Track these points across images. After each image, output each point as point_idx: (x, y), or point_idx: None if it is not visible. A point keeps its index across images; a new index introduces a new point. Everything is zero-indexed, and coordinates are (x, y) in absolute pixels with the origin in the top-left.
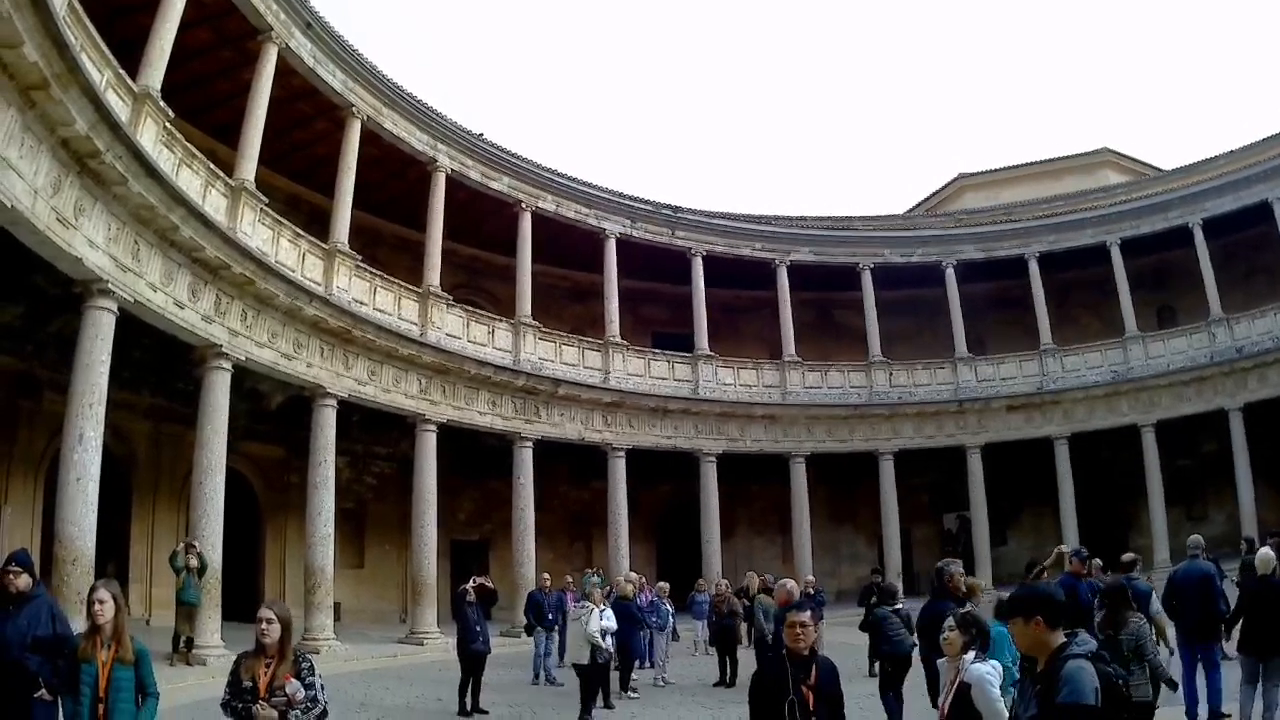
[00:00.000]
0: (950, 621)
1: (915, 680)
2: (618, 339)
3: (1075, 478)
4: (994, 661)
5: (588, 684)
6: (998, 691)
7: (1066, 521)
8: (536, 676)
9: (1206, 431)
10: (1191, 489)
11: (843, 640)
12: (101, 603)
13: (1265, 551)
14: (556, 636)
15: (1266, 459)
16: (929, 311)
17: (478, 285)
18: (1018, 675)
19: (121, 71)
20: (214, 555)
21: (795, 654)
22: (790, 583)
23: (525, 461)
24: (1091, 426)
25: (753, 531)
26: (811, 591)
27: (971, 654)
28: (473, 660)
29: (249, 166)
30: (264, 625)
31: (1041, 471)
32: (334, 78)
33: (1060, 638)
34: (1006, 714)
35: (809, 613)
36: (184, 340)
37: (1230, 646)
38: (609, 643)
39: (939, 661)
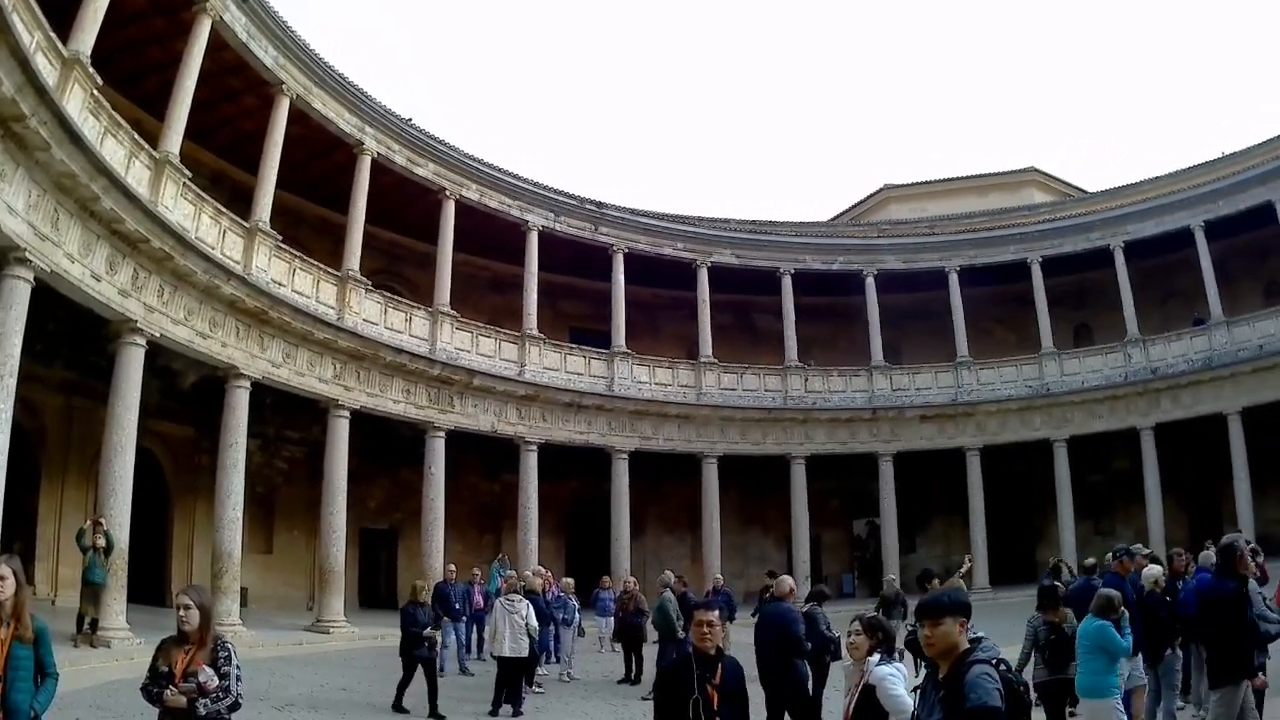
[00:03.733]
0: (856, 625)
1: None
2: (535, 332)
3: (987, 489)
4: (898, 664)
5: (514, 676)
6: (902, 690)
7: (976, 532)
8: (443, 668)
9: (1118, 449)
10: (1101, 504)
11: (749, 641)
12: (1, 579)
13: (1152, 568)
14: (463, 628)
15: (1175, 478)
16: (848, 319)
17: (397, 272)
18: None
19: (52, 35)
20: (122, 535)
21: (702, 652)
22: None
23: (437, 451)
24: (1004, 439)
25: (663, 530)
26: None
27: (877, 656)
28: (413, 664)
29: (175, 139)
30: (182, 612)
31: (953, 481)
32: (266, 54)
33: (966, 643)
34: (911, 711)
35: (716, 612)
36: (99, 314)
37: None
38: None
39: (844, 665)
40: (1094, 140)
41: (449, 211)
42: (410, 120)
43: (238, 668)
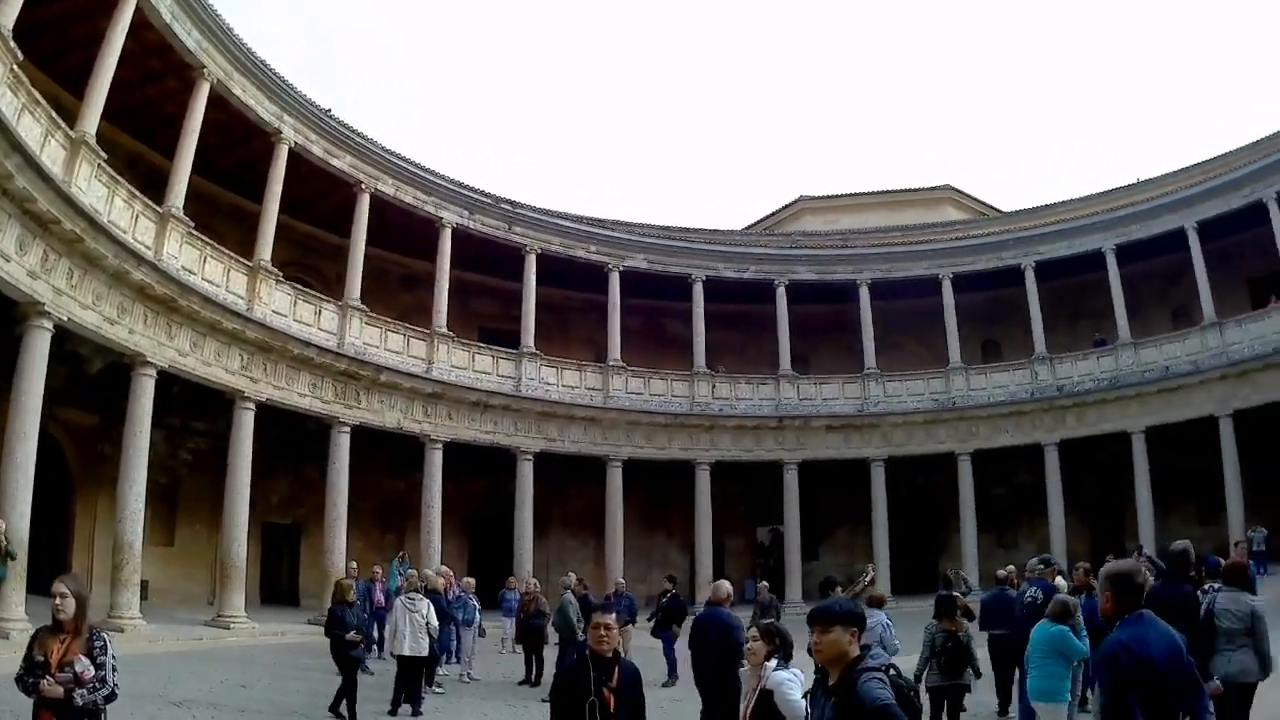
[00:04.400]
0: (754, 631)
1: None
2: (444, 330)
3: (891, 500)
4: (795, 669)
5: (414, 675)
6: (799, 695)
7: (879, 542)
8: None
9: (1023, 464)
10: (1004, 518)
11: (650, 645)
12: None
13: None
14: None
15: (1078, 493)
16: (758, 327)
17: (309, 264)
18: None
19: None
20: (23, 525)
21: (599, 655)
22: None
23: (342, 447)
24: (909, 451)
25: (567, 532)
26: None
27: (774, 662)
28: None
29: (92, 119)
30: (58, 600)
31: (859, 491)
32: (189, 36)
33: (856, 651)
34: (804, 715)
35: (614, 615)
36: (7, 295)
37: None
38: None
39: (742, 670)
40: (1010, 160)
41: (364, 205)
42: (330, 111)
43: (114, 658)
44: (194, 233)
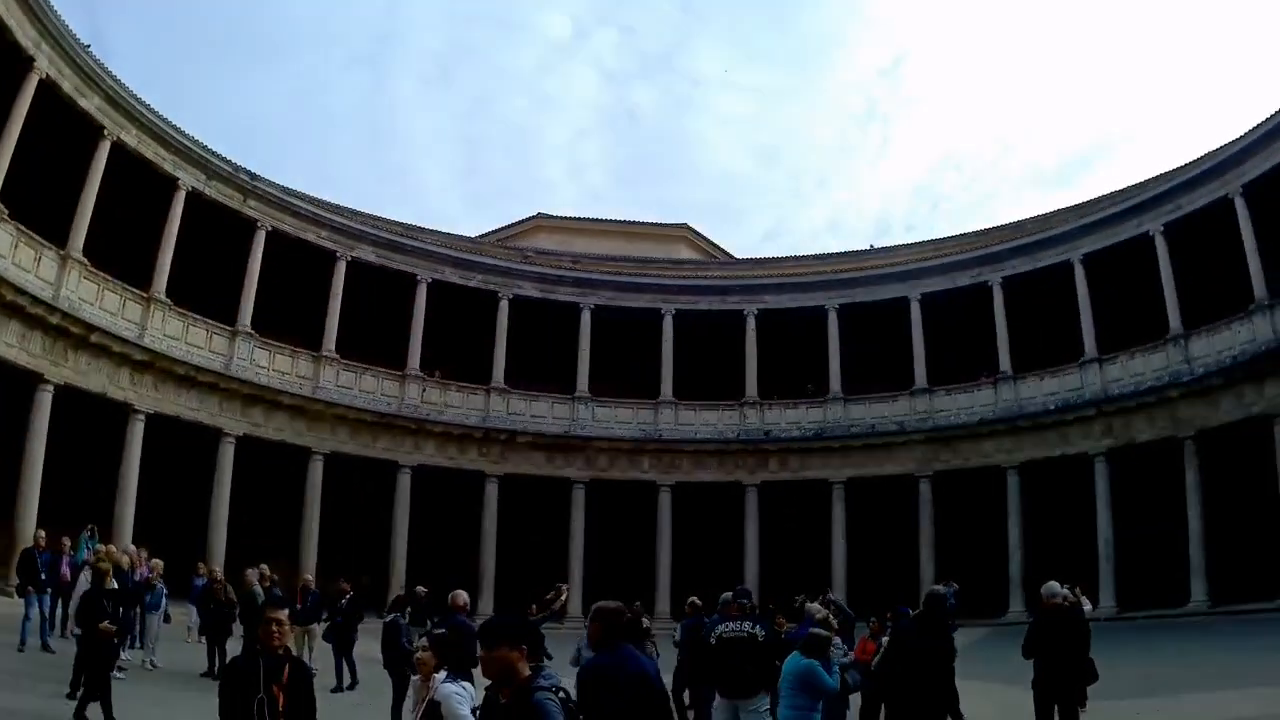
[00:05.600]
0: (423, 642)
1: None
2: (163, 296)
3: (596, 524)
4: (464, 682)
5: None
6: (466, 710)
7: (575, 561)
8: (24, 642)
9: (724, 500)
10: (700, 550)
11: (362, 653)
12: None
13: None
14: (48, 600)
15: (776, 534)
16: (478, 336)
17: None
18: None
19: None
20: None
21: (270, 651)
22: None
23: (44, 407)
24: (613, 476)
25: (261, 529)
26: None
27: (443, 674)
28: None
29: None
30: None
31: (561, 511)
32: None
33: (527, 670)
34: None
35: (286, 610)
36: None
37: None
38: None
39: (413, 680)
40: (746, 210)
41: (102, 153)
42: (90, 48)
43: None
44: None
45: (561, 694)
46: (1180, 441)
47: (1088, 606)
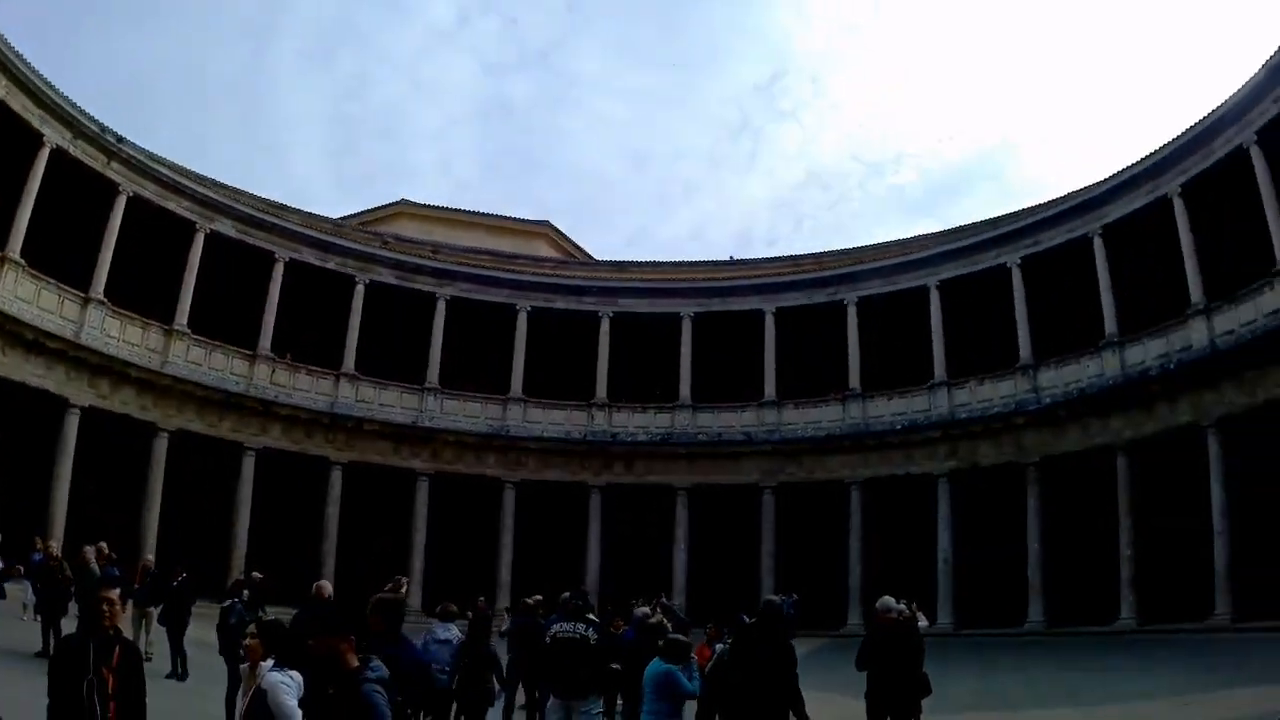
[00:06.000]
0: (253, 629)
1: None
2: (18, 257)
3: (439, 518)
4: (292, 671)
5: None
6: (293, 699)
7: (416, 556)
8: None
9: (569, 499)
10: (543, 549)
11: (200, 638)
12: None
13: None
14: None
15: (616, 538)
16: (332, 320)
17: None
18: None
19: None
20: None
21: (100, 632)
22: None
23: None
24: (458, 470)
25: (105, 505)
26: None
27: (270, 661)
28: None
29: None
30: None
31: (406, 503)
32: None
33: (355, 662)
34: (300, 716)
35: (117, 590)
36: None
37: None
38: None
39: (242, 668)
40: (612, 212)
41: None
42: None
43: None
44: None
45: (390, 686)
46: (1023, 467)
47: (923, 622)
